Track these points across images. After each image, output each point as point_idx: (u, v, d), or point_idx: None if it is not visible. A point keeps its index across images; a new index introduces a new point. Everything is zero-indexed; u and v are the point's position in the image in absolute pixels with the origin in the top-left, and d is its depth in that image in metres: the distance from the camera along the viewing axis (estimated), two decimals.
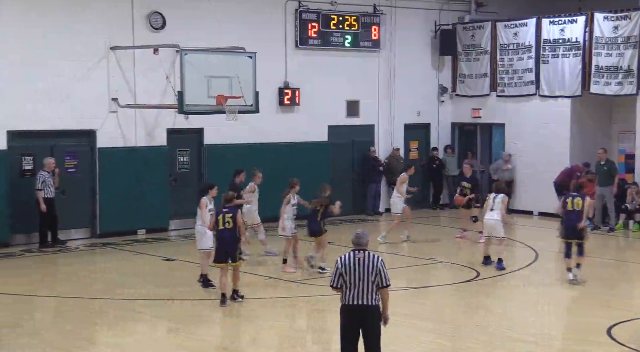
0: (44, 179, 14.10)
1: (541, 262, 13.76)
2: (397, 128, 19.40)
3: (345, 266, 6.99)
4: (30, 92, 14.53)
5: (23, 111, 14.47)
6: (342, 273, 6.99)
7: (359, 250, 7.07)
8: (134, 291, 11.48)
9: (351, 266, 6.97)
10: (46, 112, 14.70)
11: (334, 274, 7.07)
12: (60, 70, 14.80)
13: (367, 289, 6.95)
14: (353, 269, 6.96)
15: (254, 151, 16.86)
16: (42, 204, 13.99)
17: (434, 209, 19.72)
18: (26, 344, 8.96)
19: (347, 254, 7.07)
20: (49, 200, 14.18)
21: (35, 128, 14.70)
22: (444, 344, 9.22)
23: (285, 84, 17.61)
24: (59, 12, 14.82)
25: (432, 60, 19.85)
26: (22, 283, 11.81)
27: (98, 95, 15.23)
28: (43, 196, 14.05)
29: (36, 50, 14.54)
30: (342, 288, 7.03)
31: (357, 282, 6.95)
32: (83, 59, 15.03)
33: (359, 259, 6.98)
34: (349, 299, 6.99)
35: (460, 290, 11.83)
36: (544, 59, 18.18)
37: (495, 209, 12.64)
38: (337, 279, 7.02)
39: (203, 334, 9.51)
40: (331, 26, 18.10)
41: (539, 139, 18.41)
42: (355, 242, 7.16)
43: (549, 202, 17.60)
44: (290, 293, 11.29)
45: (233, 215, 10.44)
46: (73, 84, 14.98)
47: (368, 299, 6.97)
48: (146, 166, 15.73)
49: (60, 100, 14.86)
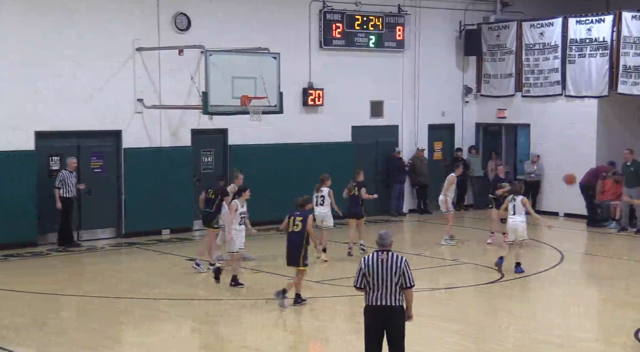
0: (63, 178, 14.22)
1: (567, 264, 13.63)
2: (422, 128, 19.33)
3: (368, 266, 6.99)
4: (57, 93, 14.69)
5: (50, 112, 14.63)
6: (365, 274, 6.99)
7: (382, 251, 7.06)
8: (159, 291, 11.56)
9: (374, 267, 6.96)
10: (73, 112, 14.86)
11: (357, 274, 7.06)
12: (87, 71, 14.94)
13: (391, 289, 6.92)
14: (376, 270, 6.95)
15: (277, 152, 16.89)
16: (58, 202, 14.11)
17: (458, 210, 19.58)
18: (53, 342, 9.06)
19: (371, 255, 7.08)
20: (68, 199, 14.28)
21: (62, 129, 14.86)
22: (468, 346, 9.16)
23: (310, 85, 17.63)
24: (88, 13, 14.96)
25: (457, 60, 19.75)
26: (49, 282, 11.94)
27: (124, 96, 15.37)
28: (61, 195, 14.15)
29: (65, 52, 14.69)
30: (366, 289, 7.02)
31: (380, 283, 6.94)
32: (109, 60, 15.17)
33: (382, 259, 6.98)
34: (372, 300, 6.99)
35: (485, 291, 11.75)
36: (571, 59, 18.00)
37: (517, 212, 12.52)
38: (361, 280, 7.02)
39: (227, 333, 9.54)
40: (355, 26, 18.08)
41: (565, 140, 18.24)
42: (379, 243, 7.15)
43: (575, 203, 17.48)
44: (313, 293, 11.29)
45: (303, 219, 10.43)
46: (99, 84, 15.12)
47: (392, 300, 6.95)
48: (171, 166, 15.83)
49: (87, 101, 15.01)
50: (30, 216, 14.43)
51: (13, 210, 14.11)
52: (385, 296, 6.93)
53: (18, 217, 14.18)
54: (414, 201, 19.27)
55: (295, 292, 10.54)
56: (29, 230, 14.42)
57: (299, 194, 14.87)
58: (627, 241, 15.91)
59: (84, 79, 14.93)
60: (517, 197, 12.63)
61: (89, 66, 14.95)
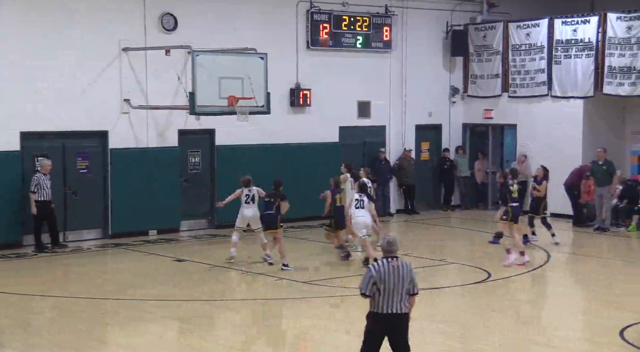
0: (38, 181, 13.83)
1: (553, 263, 13.70)
2: (409, 129, 19.37)
3: (380, 273, 6.83)
4: (42, 93, 14.60)
5: (35, 112, 14.54)
6: (376, 281, 6.84)
7: (391, 257, 6.92)
8: (146, 292, 11.52)
9: (386, 274, 6.83)
10: (59, 113, 14.78)
11: (366, 281, 6.89)
12: (73, 72, 14.88)
13: (401, 296, 6.86)
14: (388, 278, 6.83)
15: (265, 152, 16.88)
16: (33, 207, 13.73)
17: (445, 210, 19.67)
18: (38, 343, 9.00)
19: (381, 262, 6.91)
20: (45, 203, 13.88)
21: (48, 129, 14.77)
22: (454, 346, 9.19)
23: (297, 85, 17.62)
24: (72, 13, 14.89)
25: (444, 61, 19.81)
26: (34, 283, 11.87)
27: (110, 96, 15.30)
28: (36, 199, 13.77)
29: (48, 52, 14.61)
30: (374, 296, 6.88)
31: (391, 291, 6.84)
32: (95, 60, 15.10)
33: (393, 266, 6.86)
34: (383, 307, 6.87)
35: (471, 291, 11.79)
36: (557, 60, 18.10)
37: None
38: (370, 287, 6.87)
39: (214, 334, 9.52)
40: (342, 27, 18.09)
41: (551, 140, 18.34)
42: (387, 249, 6.97)
43: (561, 203, 17.56)
44: (302, 294, 11.29)
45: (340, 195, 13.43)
46: (85, 85, 15.05)
47: (401, 307, 6.89)
48: (158, 167, 15.78)
49: (73, 101, 14.93)
50: (15, 217, 14.33)
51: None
52: (396, 303, 6.86)
53: (2, 219, 14.08)
54: (402, 201, 19.30)
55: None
56: (13, 231, 14.33)
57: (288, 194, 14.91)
58: (611, 240, 16.01)
59: (70, 79, 14.85)
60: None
61: (75, 66, 14.87)
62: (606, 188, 16.55)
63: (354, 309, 10.61)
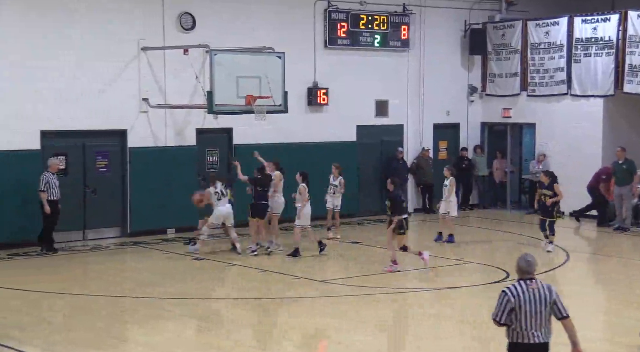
0: (47, 180, 13.77)
1: (573, 263, 13.60)
2: (426, 128, 19.30)
3: (519, 299, 6.03)
4: (63, 92, 14.71)
5: (56, 111, 14.66)
6: (514, 307, 6.02)
7: (529, 279, 6.09)
8: (164, 290, 11.57)
9: (527, 299, 6.02)
10: (78, 112, 14.88)
11: (501, 308, 6.07)
12: (93, 71, 14.97)
13: (544, 323, 6.06)
14: (529, 303, 6.02)
15: (282, 151, 16.87)
16: (46, 206, 13.64)
17: (463, 209, 19.58)
18: (58, 341, 9.07)
19: (518, 286, 6.09)
20: (53, 202, 13.80)
21: (68, 128, 14.88)
22: (472, 345, 9.15)
23: (314, 84, 17.62)
24: (93, 13, 14.99)
25: (462, 59, 19.72)
26: (55, 281, 11.97)
27: (129, 96, 15.39)
28: (47, 198, 13.70)
29: (70, 52, 14.71)
30: (512, 324, 6.06)
31: (533, 317, 6.02)
32: (115, 59, 15.19)
33: (533, 290, 6.05)
34: (526, 337, 6.04)
35: (490, 290, 11.72)
36: (576, 58, 17.96)
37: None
38: (507, 315, 6.05)
39: (232, 333, 9.55)
40: (360, 26, 18.07)
41: (570, 139, 18.20)
42: (524, 270, 6.11)
43: (581, 202, 17.42)
44: (319, 293, 11.29)
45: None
46: (105, 84, 15.15)
47: (546, 335, 6.09)
48: (176, 166, 15.84)
49: (92, 100, 15.03)
50: (37, 214, 14.44)
51: (19, 209, 14.13)
52: (540, 331, 6.05)
53: (24, 217, 14.19)
54: (419, 200, 19.25)
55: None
56: (34, 229, 14.44)
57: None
58: (632, 240, 15.86)
59: (90, 78, 14.95)
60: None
61: (95, 66, 14.97)
62: (626, 187, 16.42)
63: (369, 309, 10.61)
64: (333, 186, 15.48)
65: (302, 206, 13.43)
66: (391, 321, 10.17)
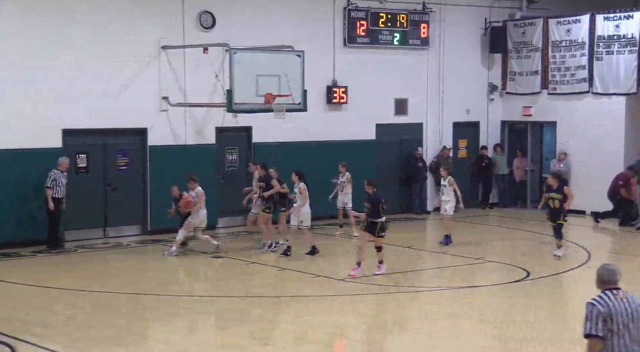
0: (55, 177, 13.86)
1: (594, 262, 13.48)
2: (446, 126, 19.23)
3: (611, 309, 5.49)
4: (85, 91, 14.82)
5: (77, 110, 14.77)
6: (606, 319, 5.45)
7: (615, 289, 5.60)
8: (184, 288, 11.63)
9: (618, 310, 5.49)
10: (99, 111, 14.99)
11: (592, 320, 5.45)
12: (113, 70, 15.07)
13: (636, 335, 5.49)
14: (621, 314, 5.49)
15: (301, 149, 16.91)
16: (50, 202, 13.75)
17: (482, 208, 19.50)
18: (79, 338, 9.15)
19: (605, 296, 5.55)
20: (57, 200, 13.88)
21: (89, 127, 15.00)
22: (492, 345, 9.10)
23: (333, 83, 17.62)
24: (114, 12, 15.09)
25: (482, 57, 19.62)
26: (75, 278, 12.07)
27: (149, 94, 15.48)
28: (52, 195, 13.81)
29: (90, 51, 14.83)
30: (606, 339, 5.44)
31: (625, 330, 5.50)
32: (135, 58, 15.28)
33: (622, 300, 5.54)
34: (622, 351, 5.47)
35: (510, 290, 11.67)
36: (598, 56, 17.80)
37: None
38: (602, 325, 5.43)
39: (251, 331, 9.58)
40: (380, 24, 18.03)
41: (592, 138, 18.05)
42: (606, 280, 5.63)
43: (602, 201, 17.27)
44: (336, 291, 11.29)
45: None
46: (125, 83, 15.24)
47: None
48: (195, 164, 15.89)
49: (113, 99, 15.13)
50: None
51: (40, 207, 14.24)
52: (634, 345, 5.49)
53: (45, 214, 14.31)
54: (439, 199, 19.16)
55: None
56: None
57: (321, 192, 14.96)
58: None
59: (110, 77, 15.05)
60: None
61: (115, 64, 15.07)
62: None
63: (388, 307, 10.59)
64: (341, 183, 15.49)
65: (301, 205, 13.25)
66: (410, 319, 10.14)
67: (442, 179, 14.84)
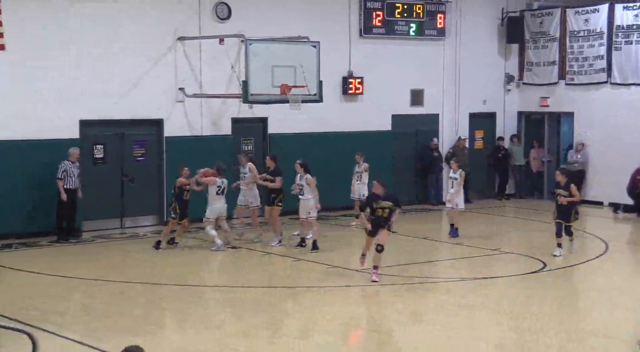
0: (65, 168, 13.87)
1: (611, 254, 13.40)
2: (462, 117, 19.15)
3: None
4: (102, 82, 14.89)
5: (94, 101, 14.84)
6: None
7: None
8: (200, 278, 11.69)
9: None
10: (116, 101, 15.05)
11: None
12: (130, 61, 15.12)
13: None
14: None
15: (317, 140, 16.90)
16: (62, 193, 13.76)
17: (499, 199, 19.43)
18: (97, 327, 9.22)
19: None
20: (70, 191, 13.91)
21: (106, 117, 15.07)
22: (509, 336, 9.08)
23: (349, 73, 17.58)
24: (132, 2, 15.12)
25: (499, 48, 19.50)
26: (93, 268, 12.15)
27: (165, 85, 15.52)
28: (64, 186, 13.83)
29: (107, 41, 14.87)
30: None
31: None
32: (151, 49, 15.32)
33: None
34: None
35: (526, 281, 11.62)
36: (617, 46, 17.63)
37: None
38: None
39: (268, 321, 9.61)
40: (396, 15, 17.95)
41: (610, 129, 17.91)
42: None
43: (620, 192, 17.14)
44: (354, 282, 11.30)
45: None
46: (142, 74, 15.29)
47: None
48: (211, 155, 15.91)
49: (130, 90, 15.19)
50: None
51: (58, 197, 14.33)
52: None
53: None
54: None
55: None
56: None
57: (336, 183, 14.88)
58: None
59: (127, 68, 15.10)
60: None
61: (132, 55, 15.12)
62: None
63: (404, 298, 10.58)
64: (358, 173, 15.45)
65: (312, 197, 13.11)
66: (425, 310, 10.13)
67: (452, 171, 14.68)
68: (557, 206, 12.82)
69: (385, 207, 11.01)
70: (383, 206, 11.01)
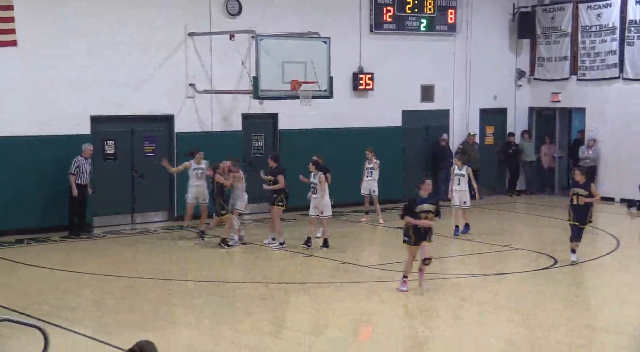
0: (78, 164, 13.96)
1: (622, 250, 13.34)
2: (473, 112, 19.09)
3: None
4: (111, 78, 14.93)
5: (105, 97, 14.89)
6: None
7: None
8: (210, 273, 11.71)
9: None
10: (126, 98, 15.09)
11: None
12: (140, 57, 15.16)
13: None
14: None
15: (327, 136, 16.90)
16: (74, 189, 13.86)
17: (510, 195, 19.37)
18: (108, 322, 9.27)
19: None
20: (81, 186, 14.01)
21: (117, 113, 15.12)
22: (520, 332, 9.06)
23: (360, 69, 17.55)
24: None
25: (510, 43, 19.41)
26: (104, 263, 12.21)
27: (176, 81, 15.55)
28: (76, 182, 13.92)
29: (118, 38, 14.92)
30: None
31: None
32: (162, 45, 15.35)
33: None
34: None
35: (537, 277, 11.58)
36: (629, 41, 17.52)
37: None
38: None
39: (277, 316, 9.63)
40: (407, 10, 17.90)
41: (622, 124, 17.81)
42: None
43: (631, 188, 17.05)
44: (364, 278, 11.30)
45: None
46: (152, 70, 15.33)
47: None
48: (222, 151, 15.94)
49: (140, 86, 15.22)
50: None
51: (69, 193, 14.39)
52: None
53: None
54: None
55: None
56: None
57: (347, 179, 14.83)
58: None
59: (137, 64, 15.14)
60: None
61: (142, 51, 15.15)
62: None
63: (414, 294, 10.57)
64: (369, 169, 15.38)
65: (321, 197, 13.03)
66: (436, 306, 10.12)
67: (457, 168, 14.48)
68: (572, 207, 11.75)
69: (430, 210, 9.81)
70: (427, 210, 9.79)
